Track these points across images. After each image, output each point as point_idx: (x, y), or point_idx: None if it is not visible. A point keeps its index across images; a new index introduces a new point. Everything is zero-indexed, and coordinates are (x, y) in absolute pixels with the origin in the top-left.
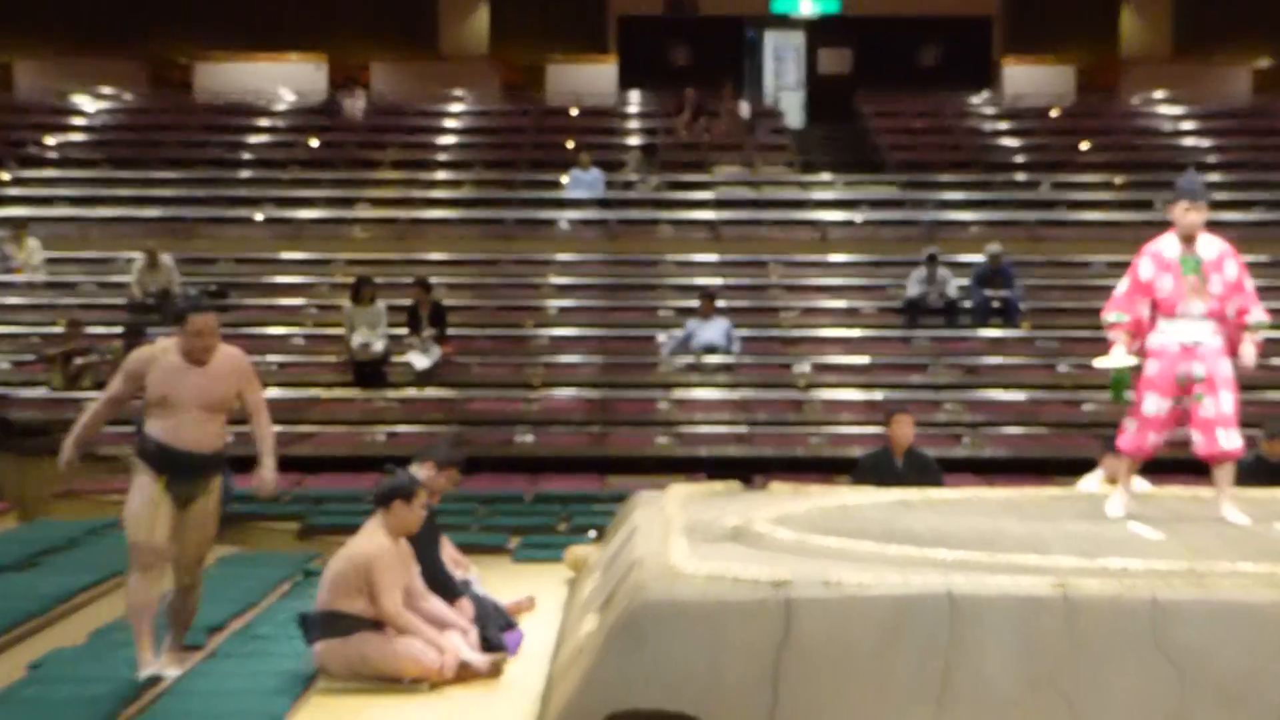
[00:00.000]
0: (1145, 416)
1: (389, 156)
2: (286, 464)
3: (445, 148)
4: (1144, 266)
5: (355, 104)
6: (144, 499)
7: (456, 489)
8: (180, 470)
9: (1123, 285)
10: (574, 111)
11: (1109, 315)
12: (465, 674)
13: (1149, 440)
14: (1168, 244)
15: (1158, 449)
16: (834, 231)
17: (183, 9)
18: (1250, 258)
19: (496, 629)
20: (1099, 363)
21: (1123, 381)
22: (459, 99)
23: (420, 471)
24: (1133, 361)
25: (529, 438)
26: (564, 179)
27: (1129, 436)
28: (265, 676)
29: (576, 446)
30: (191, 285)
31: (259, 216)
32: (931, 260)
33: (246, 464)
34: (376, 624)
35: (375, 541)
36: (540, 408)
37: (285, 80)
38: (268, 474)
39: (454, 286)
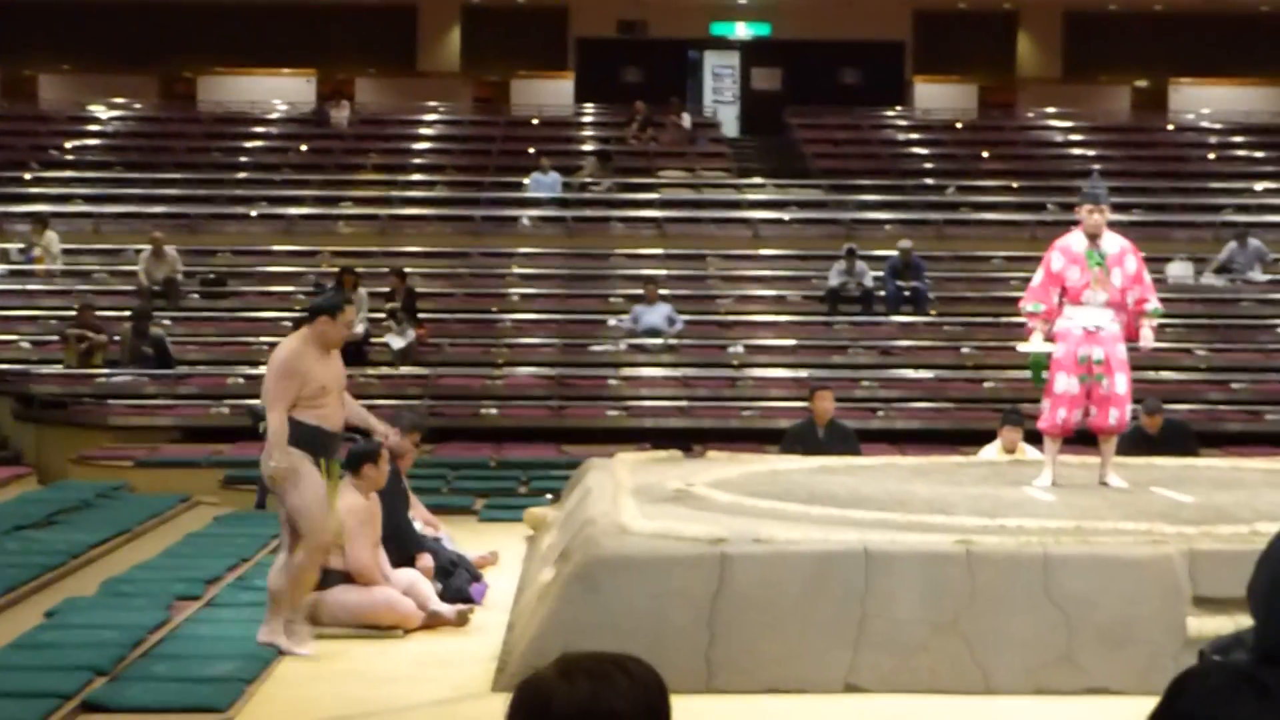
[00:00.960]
0: (1056, 394)
1: (371, 161)
2: None
3: (421, 153)
4: (1055, 259)
5: (341, 114)
6: (317, 492)
7: (428, 455)
8: (334, 450)
9: (1038, 277)
10: (536, 122)
11: (1028, 305)
12: (435, 622)
13: (1060, 416)
14: (1076, 240)
15: (1078, 424)
16: (765, 229)
17: (189, 30)
18: None
19: (464, 581)
20: (1021, 348)
21: (1040, 364)
22: (434, 110)
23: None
24: (1050, 347)
25: (494, 410)
26: (526, 181)
27: (1045, 416)
28: (258, 623)
29: (536, 418)
30: (194, 274)
31: (254, 213)
32: (850, 255)
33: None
34: (351, 577)
35: (348, 500)
36: (504, 384)
37: (279, 93)
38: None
39: (428, 276)
